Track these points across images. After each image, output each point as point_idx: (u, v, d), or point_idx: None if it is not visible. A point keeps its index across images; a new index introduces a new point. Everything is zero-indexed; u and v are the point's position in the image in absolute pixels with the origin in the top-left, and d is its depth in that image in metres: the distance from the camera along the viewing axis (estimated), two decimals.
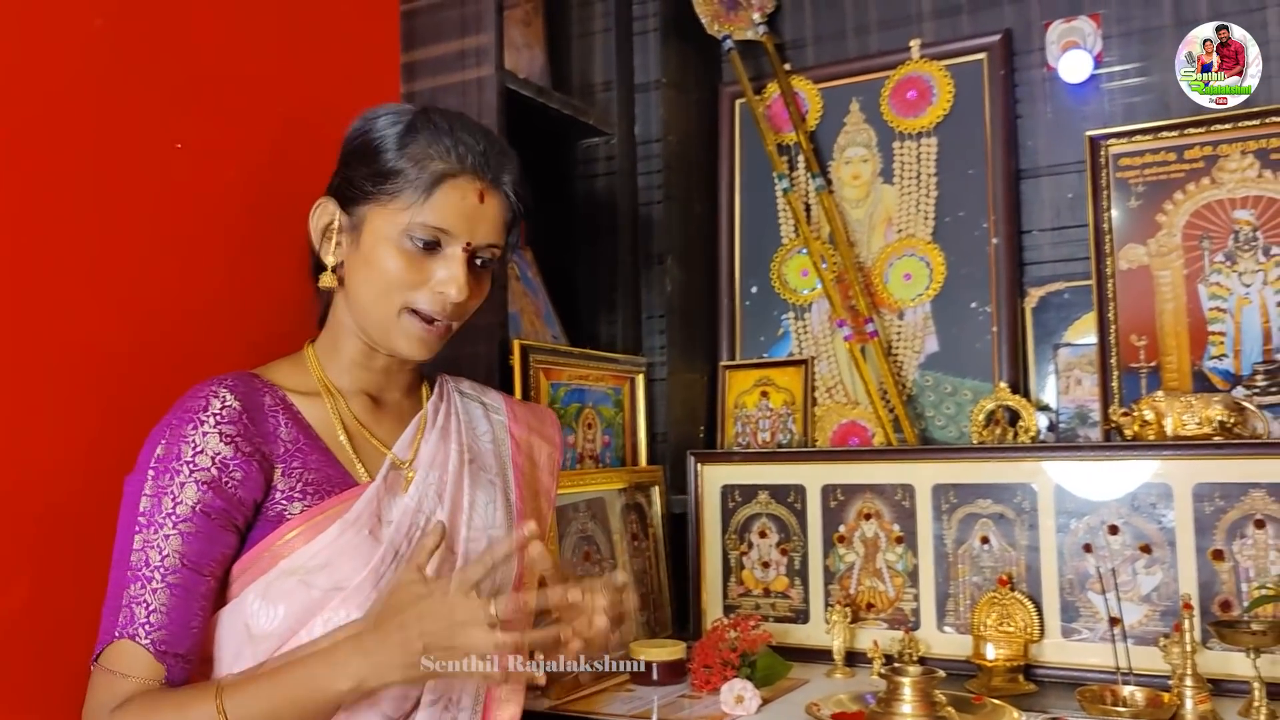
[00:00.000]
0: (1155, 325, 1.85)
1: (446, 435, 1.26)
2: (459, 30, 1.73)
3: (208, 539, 1.07)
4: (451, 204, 1.14)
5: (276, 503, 1.11)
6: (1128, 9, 1.97)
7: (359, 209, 1.17)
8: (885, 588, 1.78)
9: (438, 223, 1.14)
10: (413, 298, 1.16)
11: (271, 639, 1.08)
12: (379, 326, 1.18)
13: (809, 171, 2.13)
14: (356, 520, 1.13)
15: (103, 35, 1.30)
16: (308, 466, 1.14)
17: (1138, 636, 1.56)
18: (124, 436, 1.17)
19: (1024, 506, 1.68)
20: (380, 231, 1.15)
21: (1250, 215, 1.81)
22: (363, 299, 1.18)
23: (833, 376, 2.10)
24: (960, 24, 2.10)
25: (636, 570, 1.84)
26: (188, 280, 1.38)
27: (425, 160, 1.14)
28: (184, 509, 1.06)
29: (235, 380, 1.14)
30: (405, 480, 1.20)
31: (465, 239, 1.16)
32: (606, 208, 2.07)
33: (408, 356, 1.20)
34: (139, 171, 1.34)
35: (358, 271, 1.18)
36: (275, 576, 1.09)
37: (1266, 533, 1.52)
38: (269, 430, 1.13)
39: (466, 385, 1.37)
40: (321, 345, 1.25)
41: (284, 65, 1.54)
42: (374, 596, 1.09)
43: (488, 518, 1.25)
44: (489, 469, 1.29)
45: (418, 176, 1.14)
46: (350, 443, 1.19)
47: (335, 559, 1.10)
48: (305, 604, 1.09)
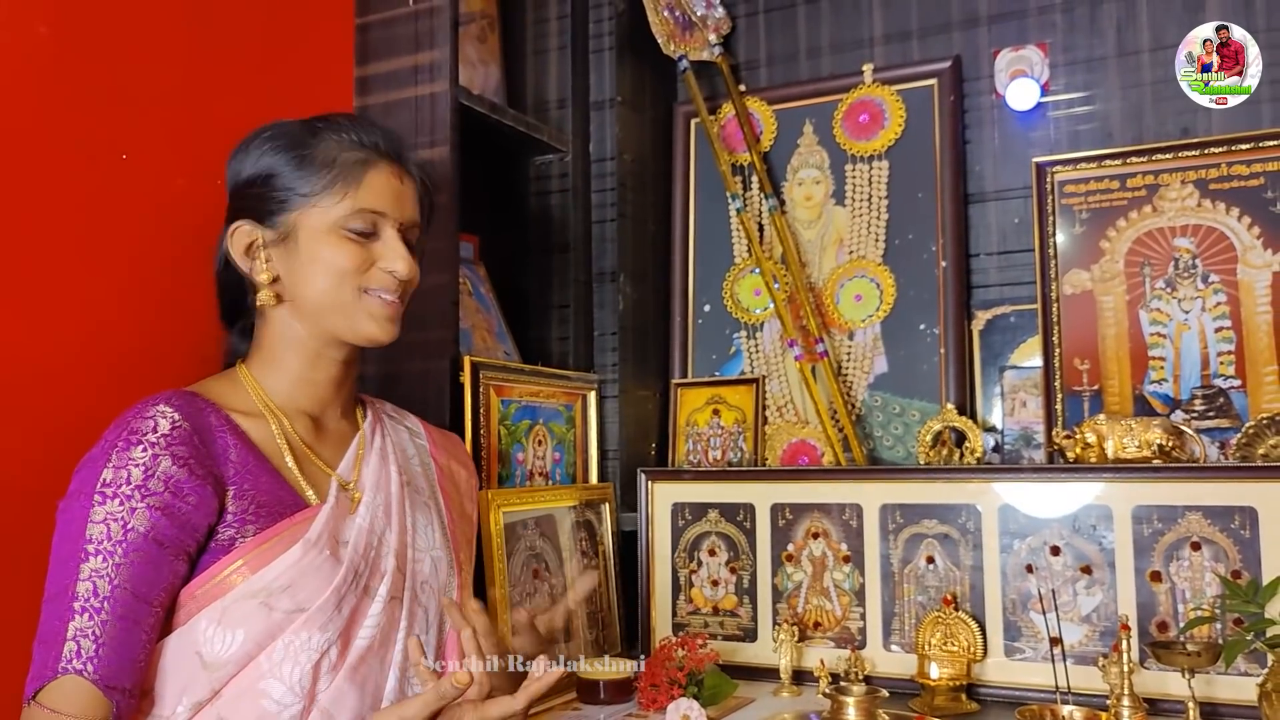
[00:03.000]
0: (1098, 349, 1.89)
1: (385, 457, 1.26)
2: (413, 45, 1.73)
3: (158, 568, 1.04)
4: (378, 187, 1.19)
5: (229, 525, 1.09)
6: (1073, 39, 2.01)
7: (283, 218, 1.18)
8: (832, 606, 1.79)
9: (373, 206, 1.18)
10: (364, 281, 1.19)
11: (228, 665, 1.06)
12: (341, 315, 1.18)
13: (762, 192, 2.14)
14: (318, 541, 1.11)
15: (46, 42, 1.28)
16: (259, 489, 1.12)
17: (1078, 656, 1.59)
18: (55, 457, 1.13)
19: (969, 527, 1.70)
20: (318, 229, 1.17)
21: (1190, 243, 1.85)
22: (315, 299, 1.18)
23: (783, 395, 2.12)
24: (911, 49, 2.14)
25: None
26: (128, 293, 1.36)
27: (342, 154, 1.18)
28: (135, 536, 1.03)
29: (180, 400, 1.10)
30: (353, 501, 1.19)
31: (396, 219, 1.21)
32: (560, 225, 2.08)
33: (377, 338, 1.20)
34: (82, 181, 1.32)
35: (302, 274, 1.18)
36: (233, 600, 1.06)
37: (1202, 555, 1.56)
38: (219, 452, 1.10)
39: (389, 408, 1.37)
40: (256, 364, 1.22)
41: (236, 77, 1.52)
42: (336, 618, 1.09)
43: (428, 539, 1.25)
44: (422, 491, 1.29)
45: (342, 169, 1.18)
46: (297, 464, 1.17)
47: (299, 580, 1.09)
48: (266, 627, 1.07)
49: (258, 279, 1.19)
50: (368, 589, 1.14)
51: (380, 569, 1.17)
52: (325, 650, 1.09)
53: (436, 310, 1.68)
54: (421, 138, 1.71)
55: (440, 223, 1.69)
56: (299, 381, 1.22)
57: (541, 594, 1.71)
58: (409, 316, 1.26)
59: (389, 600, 1.16)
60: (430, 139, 1.71)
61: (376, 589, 1.15)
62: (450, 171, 1.70)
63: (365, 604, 1.14)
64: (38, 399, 1.25)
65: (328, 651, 1.09)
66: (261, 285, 1.18)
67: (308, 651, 1.08)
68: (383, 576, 1.16)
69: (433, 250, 1.69)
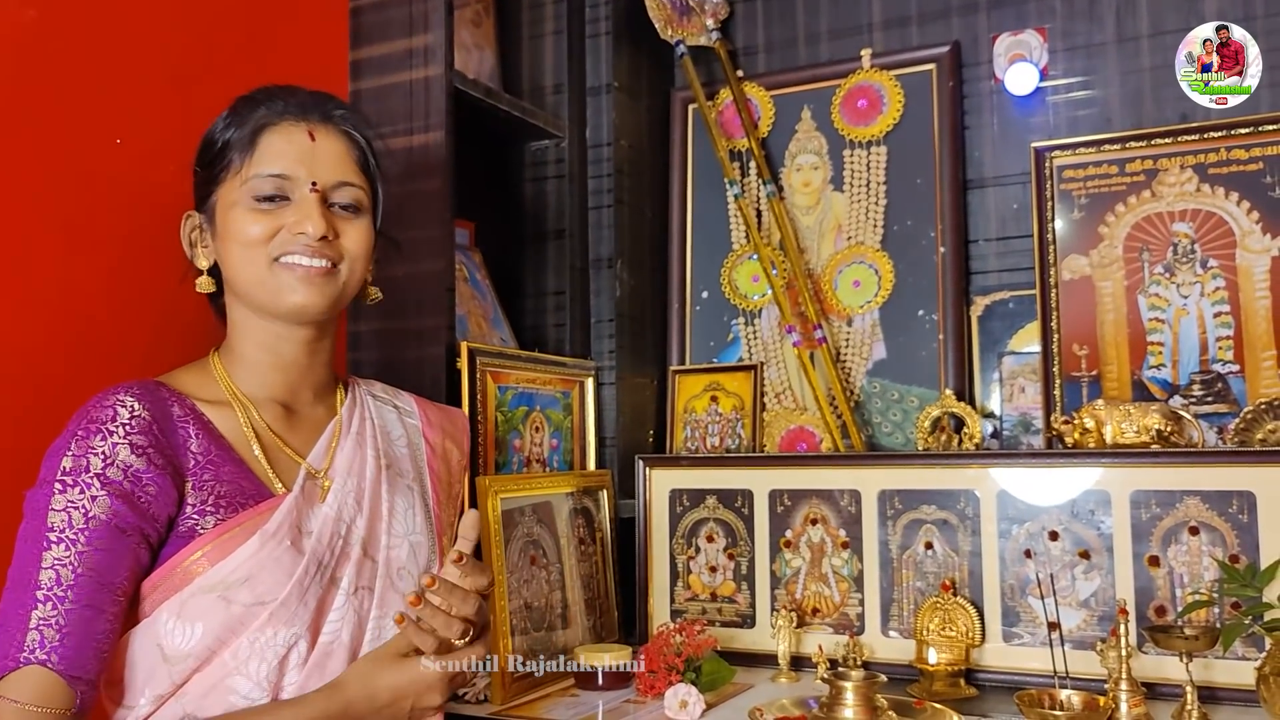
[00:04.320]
0: (1096, 335, 1.89)
1: (362, 441, 1.23)
2: (407, 29, 1.72)
3: (120, 556, 1.03)
4: (277, 148, 1.13)
5: (188, 517, 1.07)
6: (1072, 24, 2.00)
7: (209, 201, 1.17)
8: (830, 593, 1.78)
9: (271, 169, 1.13)
10: (274, 248, 1.13)
11: (189, 659, 1.05)
12: (262, 289, 1.14)
13: (760, 178, 2.14)
14: (277, 532, 1.09)
15: (36, 26, 1.27)
16: (220, 479, 1.10)
17: (1076, 641, 1.59)
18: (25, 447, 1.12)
19: (967, 513, 1.70)
20: (227, 205, 1.14)
21: (1189, 228, 1.85)
22: (236, 273, 1.15)
23: (781, 382, 2.11)
24: (910, 35, 2.13)
25: (584, 574, 1.83)
26: (115, 280, 1.35)
27: (243, 124, 1.15)
28: (96, 524, 1.02)
29: (141, 389, 1.09)
30: (322, 489, 1.17)
31: (308, 180, 1.14)
32: (556, 211, 2.07)
33: (302, 307, 1.14)
34: (70, 166, 1.31)
35: (223, 254, 1.16)
36: (191, 594, 1.05)
37: (1200, 539, 1.55)
38: (179, 442, 1.09)
39: (379, 388, 1.34)
40: (224, 353, 1.21)
41: (227, 60, 1.51)
42: (302, 611, 1.07)
43: (407, 524, 1.22)
44: (406, 474, 1.26)
45: (239, 137, 1.14)
46: (265, 454, 1.15)
47: (257, 573, 1.07)
48: (225, 621, 1.05)
49: (198, 265, 1.18)
50: (334, 579, 1.12)
51: (349, 556, 1.14)
52: (293, 644, 1.08)
53: (432, 297, 1.67)
54: (416, 122, 1.70)
55: (435, 208, 1.69)
56: (261, 367, 1.19)
57: (539, 581, 1.70)
58: (405, 303, 1.26)
59: (356, 590, 1.14)
60: (425, 124, 1.70)
61: (343, 578, 1.13)
62: (445, 157, 1.69)
63: (331, 594, 1.12)
64: (17, 387, 1.24)
65: (295, 645, 1.08)
66: (202, 271, 1.18)
67: (274, 647, 1.06)
68: (350, 563, 1.14)
69: (427, 236, 1.69)
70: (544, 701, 1.55)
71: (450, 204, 1.72)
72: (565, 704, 1.54)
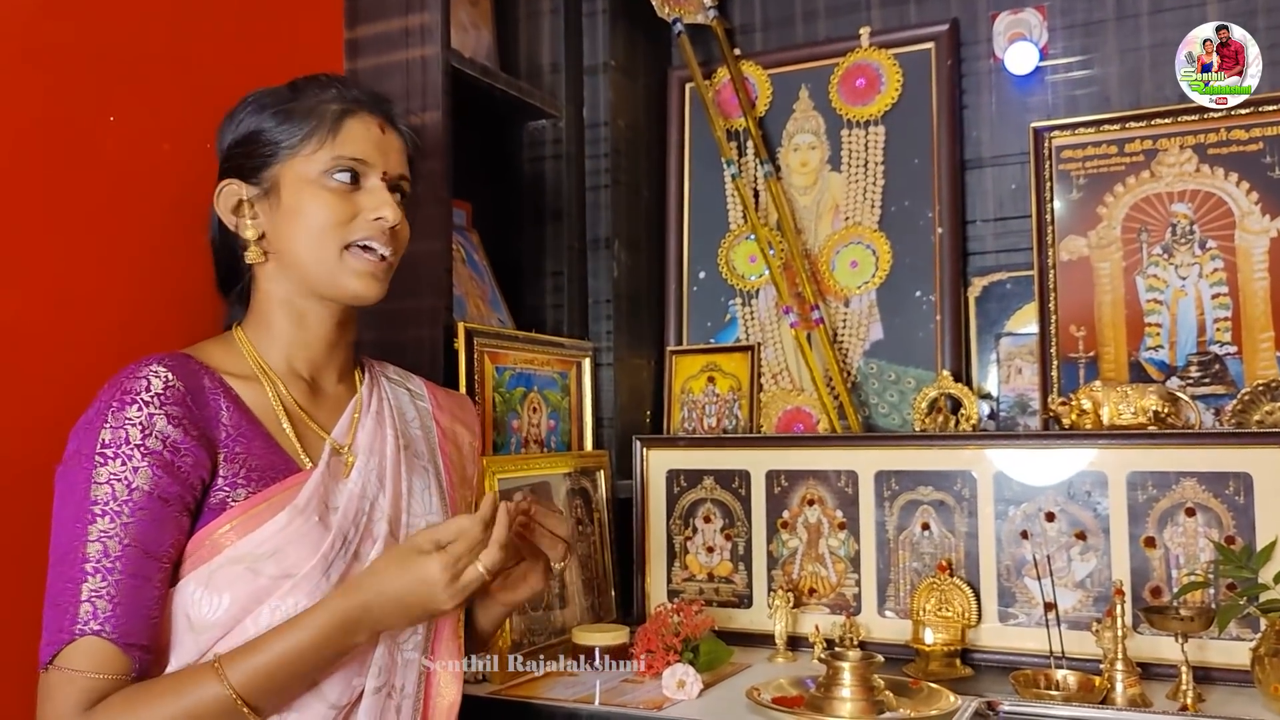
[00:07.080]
0: (1094, 316, 1.89)
1: (381, 420, 1.24)
2: (403, 8, 1.70)
3: (164, 524, 1.04)
4: (359, 135, 1.18)
5: (219, 489, 1.08)
6: (1072, 2, 1.99)
7: (267, 173, 1.17)
8: (827, 573, 1.79)
9: (353, 153, 1.17)
10: (350, 231, 1.17)
11: (215, 629, 1.06)
12: (325, 272, 1.17)
13: (758, 158, 2.13)
14: (306, 507, 1.11)
15: (30, 4, 1.26)
16: (251, 453, 1.11)
17: (1071, 621, 1.59)
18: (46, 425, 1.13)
19: (964, 494, 1.70)
20: (300, 180, 1.16)
21: (1187, 209, 1.84)
22: (300, 252, 1.16)
23: (779, 363, 2.11)
24: (908, 13, 2.11)
25: (581, 555, 1.84)
26: (116, 257, 1.35)
27: (321, 105, 1.18)
28: (139, 494, 1.03)
29: (173, 360, 1.10)
30: (346, 465, 1.18)
31: (381, 168, 1.19)
32: (553, 192, 2.06)
33: (361, 296, 1.18)
34: (69, 143, 1.30)
35: (287, 228, 1.16)
36: (220, 564, 1.06)
37: (1196, 521, 1.56)
38: (211, 414, 1.10)
39: (392, 371, 1.36)
40: (250, 327, 1.21)
41: (223, 38, 1.50)
42: (324, 584, 1.08)
43: (425, 504, 1.24)
44: (421, 455, 1.28)
45: (321, 118, 1.17)
46: (293, 428, 1.17)
47: (284, 546, 1.08)
48: (252, 592, 1.06)
49: (245, 235, 1.18)
50: (358, 554, 1.13)
51: (373, 534, 1.16)
52: None
53: (429, 277, 1.67)
54: (413, 102, 1.69)
55: (432, 189, 1.67)
56: (291, 343, 1.20)
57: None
58: (402, 284, 1.25)
59: None
60: (422, 103, 1.69)
61: (367, 554, 1.14)
62: (442, 137, 1.68)
63: (354, 569, 1.13)
64: (22, 367, 1.24)
65: None
66: (249, 242, 1.17)
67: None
68: (374, 541, 1.15)
69: (425, 217, 1.67)
70: (542, 681, 1.55)
71: (448, 184, 1.71)
72: (563, 683, 1.54)
